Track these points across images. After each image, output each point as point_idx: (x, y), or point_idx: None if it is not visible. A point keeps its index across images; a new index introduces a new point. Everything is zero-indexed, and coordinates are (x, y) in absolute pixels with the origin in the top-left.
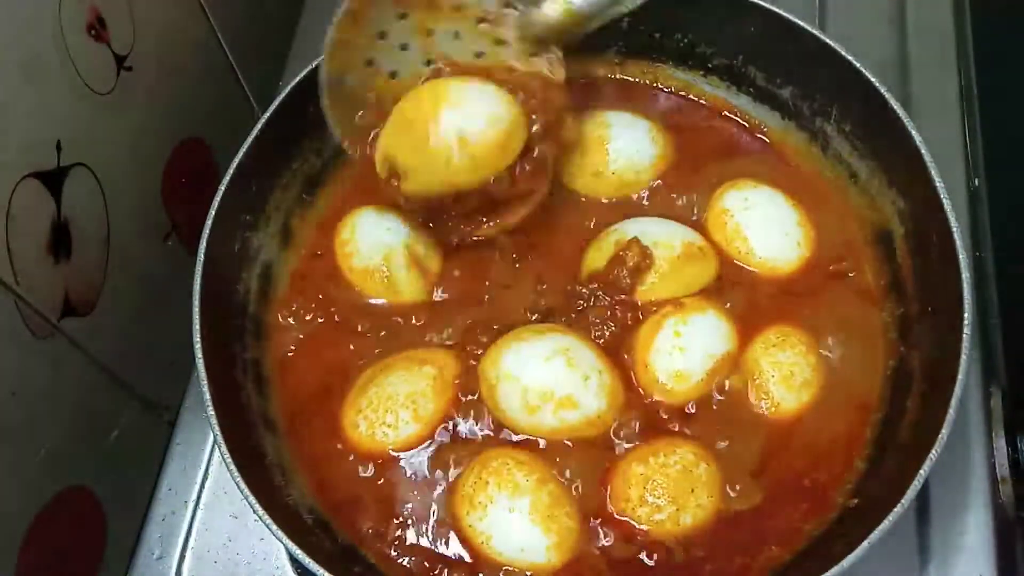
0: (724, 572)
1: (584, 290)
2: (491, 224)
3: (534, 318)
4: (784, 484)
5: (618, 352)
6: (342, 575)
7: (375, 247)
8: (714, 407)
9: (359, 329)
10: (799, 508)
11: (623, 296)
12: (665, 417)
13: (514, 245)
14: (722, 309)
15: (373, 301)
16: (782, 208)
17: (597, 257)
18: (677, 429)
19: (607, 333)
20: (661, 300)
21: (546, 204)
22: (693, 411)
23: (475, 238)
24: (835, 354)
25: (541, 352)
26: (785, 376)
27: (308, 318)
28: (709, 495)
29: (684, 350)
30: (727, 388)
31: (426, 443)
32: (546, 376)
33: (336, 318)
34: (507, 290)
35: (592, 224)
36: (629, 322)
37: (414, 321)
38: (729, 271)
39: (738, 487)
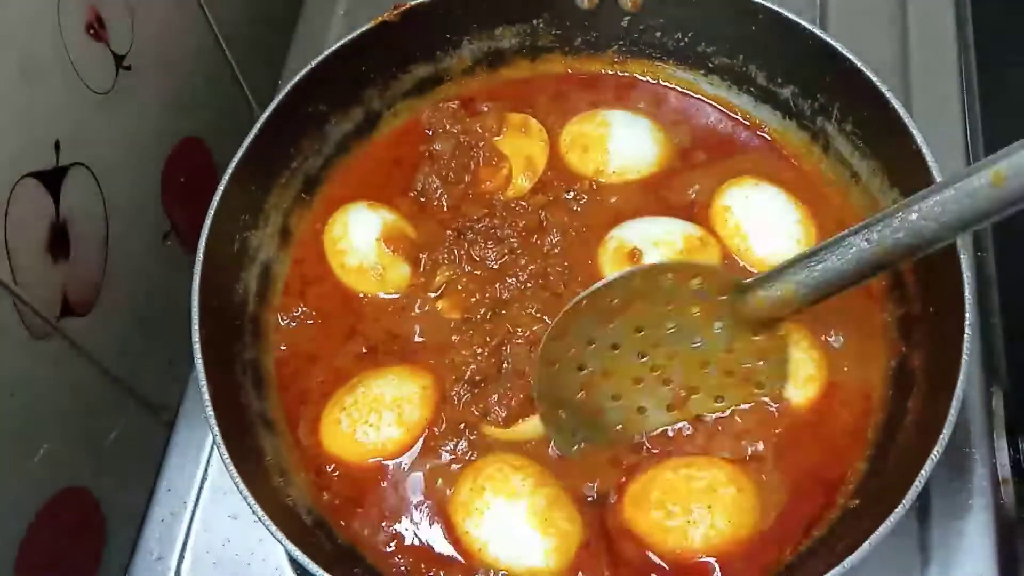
0: (726, 573)
1: None
2: None
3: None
4: (786, 483)
5: None
6: None
7: (368, 243)
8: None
9: (356, 326)
10: (801, 508)
11: None
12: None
13: (518, 241)
14: None
15: (369, 296)
16: (783, 206)
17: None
18: (689, 435)
19: None
20: None
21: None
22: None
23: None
24: (837, 354)
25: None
26: (790, 371)
27: (306, 317)
28: (728, 520)
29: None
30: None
31: (418, 446)
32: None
33: (334, 316)
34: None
35: (592, 224)
36: None
37: (410, 312)
38: (731, 269)
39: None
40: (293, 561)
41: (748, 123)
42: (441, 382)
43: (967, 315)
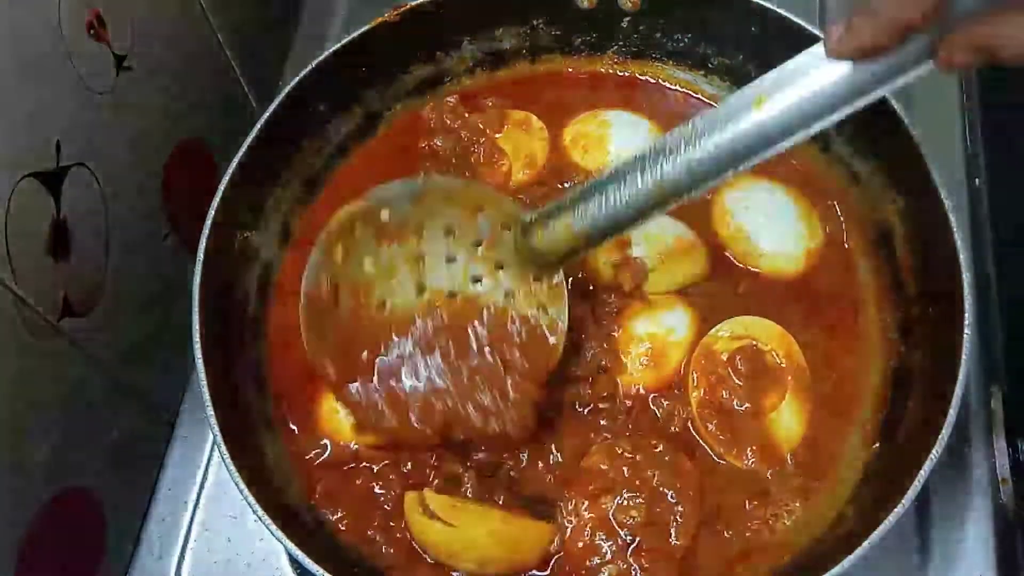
0: (725, 572)
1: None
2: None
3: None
4: (784, 483)
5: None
6: None
7: None
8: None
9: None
10: (800, 507)
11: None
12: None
13: None
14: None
15: None
16: (783, 207)
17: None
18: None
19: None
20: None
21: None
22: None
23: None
24: (836, 354)
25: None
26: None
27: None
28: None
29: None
30: None
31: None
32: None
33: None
34: None
35: None
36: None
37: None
38: (731, 270)
39: None
40: (293, 561)
41: None
42: None
43: (966, 315)
